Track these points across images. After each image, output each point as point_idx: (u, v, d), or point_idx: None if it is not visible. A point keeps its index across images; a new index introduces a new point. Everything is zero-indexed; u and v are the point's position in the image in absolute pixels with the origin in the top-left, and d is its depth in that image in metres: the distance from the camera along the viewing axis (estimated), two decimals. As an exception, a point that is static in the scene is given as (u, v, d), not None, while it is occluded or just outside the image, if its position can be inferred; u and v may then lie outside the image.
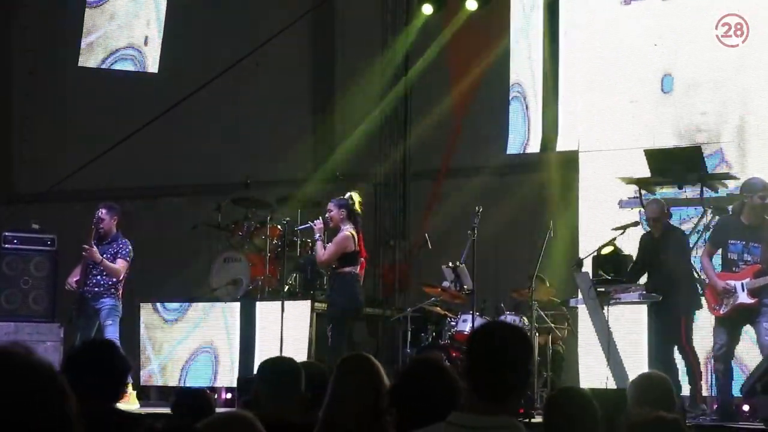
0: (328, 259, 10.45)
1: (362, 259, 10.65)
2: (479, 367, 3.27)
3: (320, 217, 10.53)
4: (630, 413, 5.08)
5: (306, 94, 14.92)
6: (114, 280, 10.62)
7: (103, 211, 10.69)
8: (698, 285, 9.79)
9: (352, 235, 10.42)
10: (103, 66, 14.75)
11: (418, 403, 3.84)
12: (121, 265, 10.58)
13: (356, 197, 10.68)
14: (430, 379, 3.88)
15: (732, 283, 9.35)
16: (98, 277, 10.59)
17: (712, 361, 9.64)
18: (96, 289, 10.58)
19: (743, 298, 9.30)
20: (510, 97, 12.30)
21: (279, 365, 4.96)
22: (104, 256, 10.57)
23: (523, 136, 12.19)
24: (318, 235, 10.44)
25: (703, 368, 9.83)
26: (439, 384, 3.86)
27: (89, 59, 14.78)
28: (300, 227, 10.60)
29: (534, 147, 12.16)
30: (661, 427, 3.95)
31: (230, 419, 3.46)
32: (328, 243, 10.54)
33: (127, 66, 14.70)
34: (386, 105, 13.98)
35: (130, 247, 10.71)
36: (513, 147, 12.31)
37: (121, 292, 10.69)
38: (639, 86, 11.56)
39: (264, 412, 4.34)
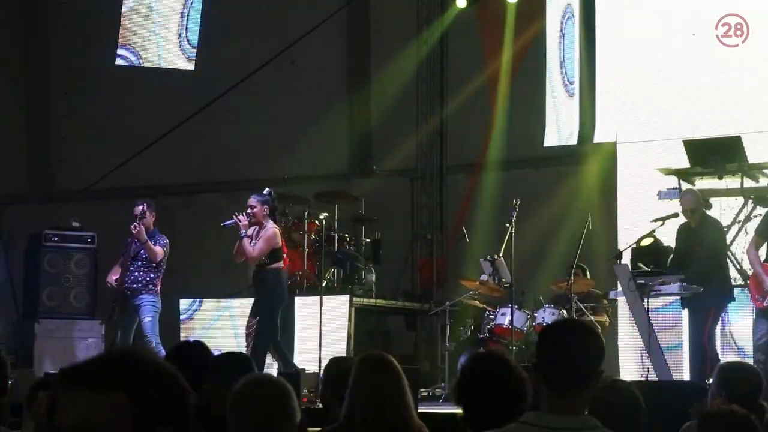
0: (258, 256, 10.50)
1: (284, 254, 10.74)
2: (551, 364, 3.25)
3: (244, 213, 10.54)
4: (708, 403, 5.07)
5: (341, 90, 14.92)
6: (152, 275, 10.67)
7: (141, 207, 10.75)
8: (730, 277, 9.71)
9: (277, 231, 10.48)
10: (138, 64, 14.81)
11: (483, 398, 3.82)
12: (158, 249, 10.66)
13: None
14: (493, 373, 3.87)
15: None
16: (136, 274, 10.64)
17: (754, 351, 9.54)
18: (134, 285, 10.63)
19: None
20: (546, 88, 12.23)
21: (231, 359, 4.96)
22: (143, 249, 10.63)
23: (561, 123, 12.10)
24: (243, 231, 10.46)
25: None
26: (503, 378, 3.84)
27: (125, 58, 14.85)
28: (225, 223, 10.57)
29: (572, 139, 12.11)
30: (731, 421, 3.92)
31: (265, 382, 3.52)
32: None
33: (161, 63, 14.74)
34: (422, 99, 13.97)
35: (167, 239, 10.80)
36: (550, 139, 12.25)
37: (159, 287, 10.74)
38: (680, 74, 11.48)
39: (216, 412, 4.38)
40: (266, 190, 10.71)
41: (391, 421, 4.40)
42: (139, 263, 10.65)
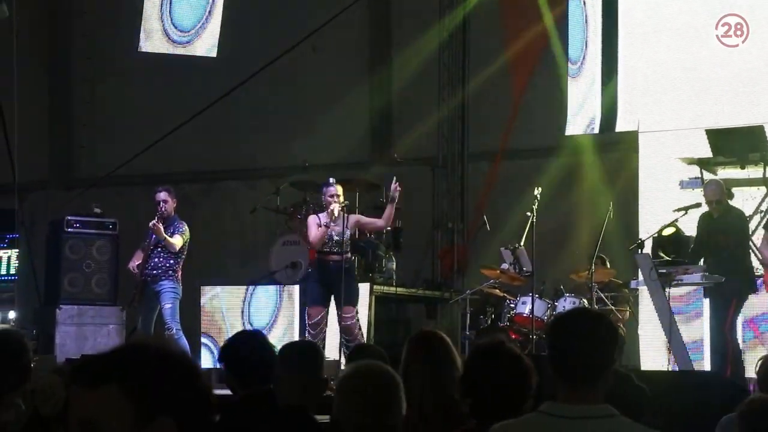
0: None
1: None
2: (566, 353, 3.23)
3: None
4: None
5: (363, 78, 14.90)
6: (172, 262, 10.71)
7: (164, 193, 10.80)
8: (753, 267, 9.67)
9: None
10: (162, 50, 14.81)
11: (487, 389, 3.81)
12: (177, 240, 10.70)
13: None
14: (491, 366, 3.86)
15: None
16: (156, 260, 10.69)
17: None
18: (155, 271, 10.68)
19: None
20: (569, 74, 12.18)
21: (299, 348, 4.96)
22: (156, 226, 10.73)
23: (583, 113, 12.04)
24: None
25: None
26: (500, 369, 3.83)
27: (148, 44, 14.85)
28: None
29: (594, 127, 12.05)
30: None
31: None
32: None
33: (186, 50, 14.73)
34: (443, 86, 13.94)
35: (186, 226, 10.84)
36: (572, 128, 12.19)
37: (179, 274, 10.79)
38: (702, 64, 11.41)
39: (282, 396, 4.38)
40: (331, 179, 10.77)
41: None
42: (160, 250, 10.71)
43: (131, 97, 15.89)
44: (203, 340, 12.13)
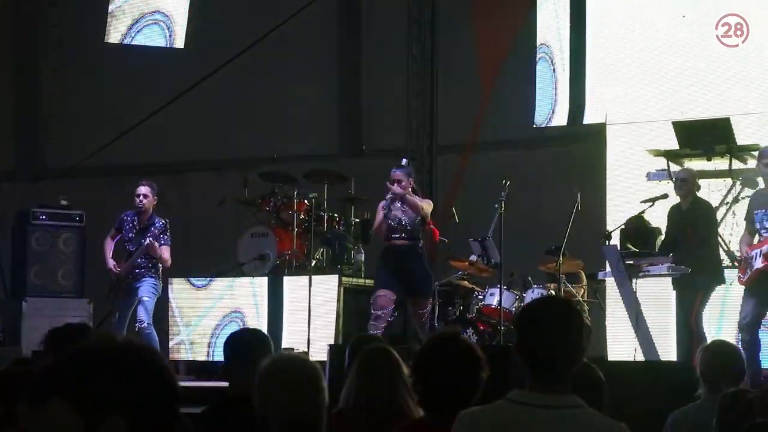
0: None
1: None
2: (532, 343, 3.24)
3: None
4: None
5: (332, 69, 14.88)
6: (155, 260, 10.67)
7: (146, 188, 10.70)
8: (721, 260, 9.72)
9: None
10: (131, 32, 14.69)
11: (439, 380, 3.81)
12: (166, 257, 10.65)
13: None
14: (447, 354, 3.86)
15: (752, 251, 9.27)
16: (138, 260, 10.67)
17: (739, 331, 9.56)
18: (137, 270, 10.66)
19: (757, 263, 9.18)
20: (537, 61, 12.17)
21: (247, 337, 4.94)
22: (148, 238, 10.59)
23: (551, 103, 12.06)
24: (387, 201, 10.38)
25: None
26: (456, 358, 3.83)
27: (115, 32, 14.76)
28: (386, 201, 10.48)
29: (561, 120, 12.08)
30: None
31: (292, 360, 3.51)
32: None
33: (155, 32, 14.63)
34: (412, 79, 13.93)
35: (165, 223, 10.73)
36: (540, 116, 12.20)
37: (161, 270, 10.76)
38: (669, 56, 11.46)
39: (234, 391, 4.36)
40: (404, 161, 10.61)
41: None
42: (155, 255, 10.74)
43: (99, 88, 15.80)
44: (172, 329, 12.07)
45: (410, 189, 10.34)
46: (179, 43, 14.44)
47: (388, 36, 13.98)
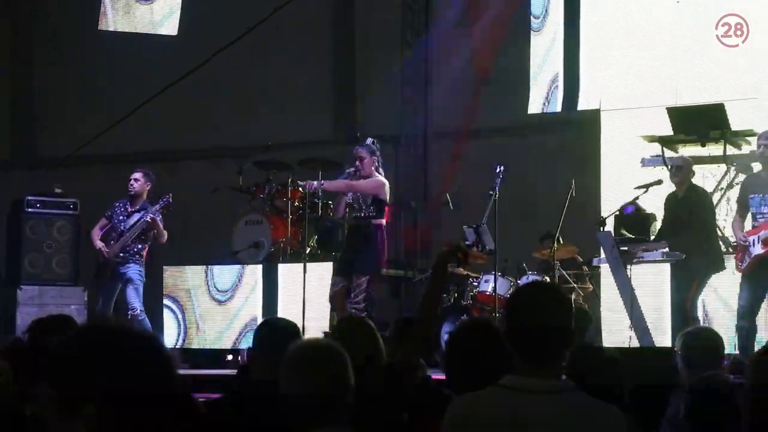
0: (364, 190, 10.54)
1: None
2: (521, 329, 3.24)
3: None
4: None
5: (326, 55, 14.85)
6: (140, 246, 10.87)
7: (139, 173, 10.98)
8: (720, 247, 9.72)
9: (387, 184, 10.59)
10: (123, 29, 14.68)
11: (470, 366, 3.82)
12: (165, 232, 10.84)
13: None
14: (482, 340, 3.87)
15: (749, 237, 9.26)
16: (129, 241, 10.79)
17: (737, 318, 9.57)
18: (122, 254, 10.77)
19: (757, 249, 9.18)
20: (530, 53, 12.17)
21: (277, 327, 4.92)
22: (148, 215, 10.77)
23: (546, 89, 12.04)
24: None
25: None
26: (490, 346, 3.84)
27: (109, 22, 14.73)
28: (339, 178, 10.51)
29: (555, 106, 12.07)
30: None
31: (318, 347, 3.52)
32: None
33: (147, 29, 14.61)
34: (407, 65, 13.91)
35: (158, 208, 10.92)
36: (535, 103, 12.19)
37: (145, 257, 10.85)
38: (661, 43, 11.45)
39: (259, 377, 4.35)
40: (369, 140, 10.63)
41: None
42: (137, 235, 10.83)
43: (93, 76, 15.77)
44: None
45: (373, 168, 10.35)
46: (172, 29, 14.40)
47: (382, 22, 13.96)
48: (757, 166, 9.82)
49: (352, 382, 3.46)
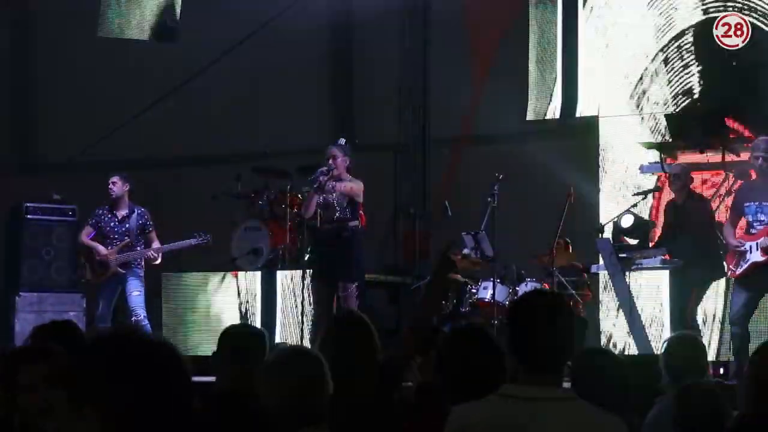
0: (349, 192, 10.49)
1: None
2: (524, 336, 3.24)
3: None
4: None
5: (324, 63, 14.85)
6: (140, 250, 10.87)
7: (116, 177, 11.01)
8: (720, 254, 9.72)
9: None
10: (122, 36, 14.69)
11: (464, 372, 3.82)
12: (158, 243, 10.93)
13: None
14: (475, 346, 3.87)
15: (746, 243, 9.23)
16: (129, 250, 10.81)
17: (730, 325, 9.56)
18: (125, 259, 10.81)
19: (756, 257, 9.15)
20: (529, 60, 12.20)
21: (241, 332, 4.91)
22: (127, 228, 10.81)
23: (544, 97, 12.07)
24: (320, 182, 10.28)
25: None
26: (485, 351, 3.84)
27: (108, 29, 14.73)
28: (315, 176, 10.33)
29: (554, 113, 12.09)
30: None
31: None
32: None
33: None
34: (405, 71, 13.91)
35: (148, 214, 10.91)
36: (533, 110, 12.22)
37: (143, 261, 10.91)
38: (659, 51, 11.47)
39: (222, 386, 4.35)
40: (341, 140, 10.55)
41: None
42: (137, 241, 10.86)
43: (92, 83, 15.75)
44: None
45: (344, 168, 10.31)
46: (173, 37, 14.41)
47: (381, 29, 13.96)
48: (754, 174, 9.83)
49: (329, 386, 3.47)
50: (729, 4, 11.14)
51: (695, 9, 11.33)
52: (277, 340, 10.98)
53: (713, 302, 10.29)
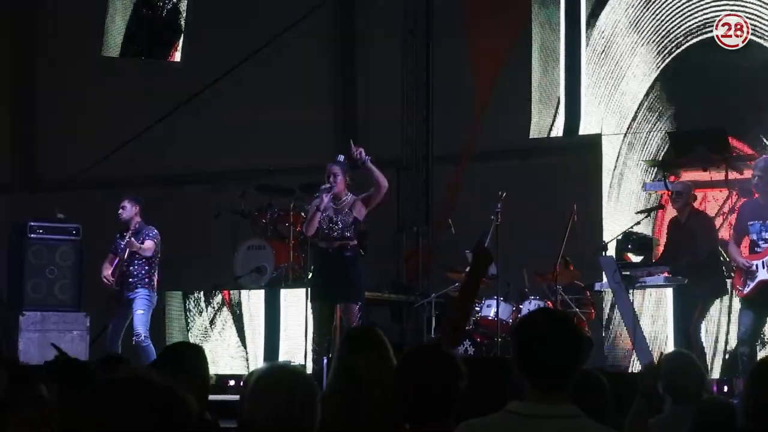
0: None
1: None
2: (531, 354, 3.24)
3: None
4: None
5: (328, 81, 14.89)
6: (147, 268, 10.86)
7: (126, 201, 10.98)
8: (723, 271, 9.72)
9: None
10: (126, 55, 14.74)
11: (418, 391, 3.81)
12: (149, 244, 10.82)
13: None
14: (425, 366, 3.85)
15: (753, 262, 9.23)
16: (131, 268, 10.81)
17: (738, 344, 9.55)
18: (130, 279, 10.80)
19: (763, 275, 9.14)
20: (532, 78, 12.23)
21: (180, 348, 4.91)
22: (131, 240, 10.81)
23: (548, 117, 12.10)
24: (324, 200, 10.14)
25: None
26: (436, 370, 3.83)
27: (112, 48, 14.79)
28: (319, 192, 10.15)
29: (557, 131, 12.11)
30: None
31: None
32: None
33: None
34: (408, 89, 13.94)
35: (156, 231, 10.92)
36: (536, 128, 12.25)
37: (155, 282, 10.87)
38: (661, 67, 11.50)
39: None
40: (341, 157, 10.44)
41: None
42: (134, 258, 10.78)
43: (96, 100, 15.79)
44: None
45: (344, 186, 10.22)
46: (176, 56, 14.46)
47: (384, 47, 14.00)
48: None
49: (317, 407, 3.43)
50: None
51: (696, 29, 11.36)
52: (281, 358, 10.97)
53: (716, 321, 10.29)
